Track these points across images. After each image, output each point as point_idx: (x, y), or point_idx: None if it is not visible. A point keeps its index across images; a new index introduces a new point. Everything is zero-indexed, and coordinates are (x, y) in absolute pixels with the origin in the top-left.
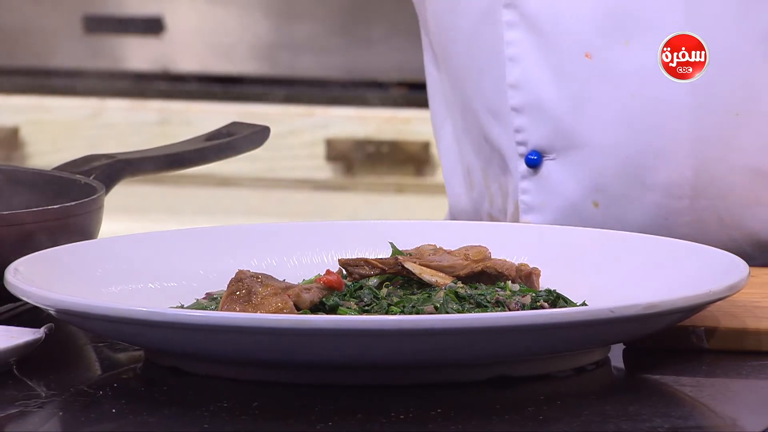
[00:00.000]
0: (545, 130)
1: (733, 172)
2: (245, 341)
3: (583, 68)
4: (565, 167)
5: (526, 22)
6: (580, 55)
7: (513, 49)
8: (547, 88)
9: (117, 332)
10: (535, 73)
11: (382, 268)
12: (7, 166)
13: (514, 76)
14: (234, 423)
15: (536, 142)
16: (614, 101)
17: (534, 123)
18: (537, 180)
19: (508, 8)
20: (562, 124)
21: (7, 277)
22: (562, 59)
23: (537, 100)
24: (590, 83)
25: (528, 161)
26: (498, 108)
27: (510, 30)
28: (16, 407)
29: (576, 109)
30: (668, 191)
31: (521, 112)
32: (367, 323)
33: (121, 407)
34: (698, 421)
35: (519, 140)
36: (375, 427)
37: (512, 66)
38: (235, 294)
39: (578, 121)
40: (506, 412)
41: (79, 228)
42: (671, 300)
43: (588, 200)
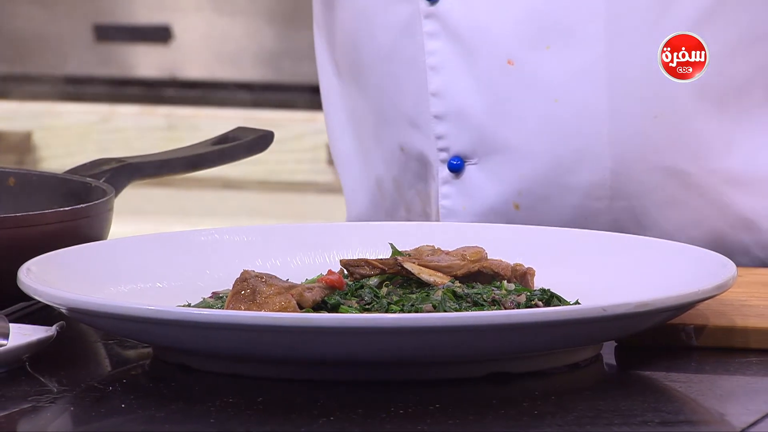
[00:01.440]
0: (467, 137)
1: (649, 173)
2: (250, 339)
3: (505, 75)
4: (487, 171)
5: (448, 31)
6: (502, 62)
7: (434, 58)
8: (469, 96)
9: (126, 330)
10: (457, 81)
11: (382, 268)
12: (20, 170)
13: (436, 85)
14: (239, 418)
15: (458, 148)
16: (537, 107)
17: (456, 129)
18: (458, 184)
19: (429, 19)
20: (484, 130)
21: (20, 276)
22: (485, 67)
23: (459, 108)
24: (513, 89)
25: (450, 166)
26: (417, 116)
27: (431, 40)
28: (29, 402)
29: (499, 116)
30: (587, 193)
31: (443, 120)
32: (367, 321)
33: (130, 403)
34: (687, 415)
35: (441, 146)
36: (375, 421)
37: (433, 75)
38: (240, 293)
39: (501, 126)
40: (502, 407)
41: (90, 229)
42: (661, 299)
43: (509, 202)
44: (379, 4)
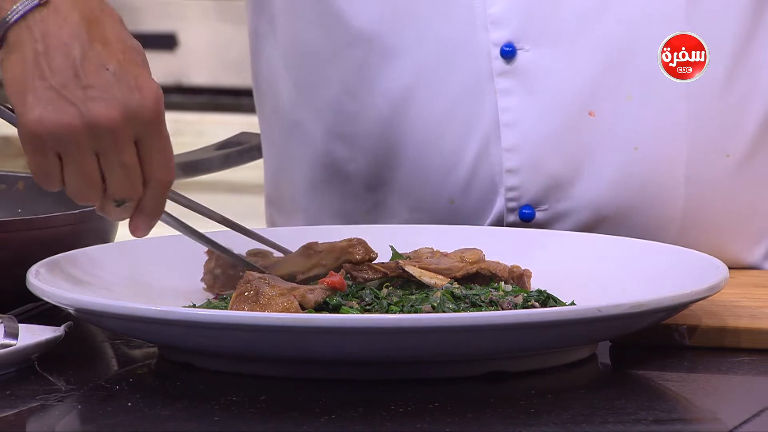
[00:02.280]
0: (541, 185)
1: (720, 211)
2: (253, 339)
3: (585, 125)
4: (556, 217)
5: (524, 87)
6: (583, 113)
7: (508, 115)
8: (547, 148)
9: (132, 330)
10: (535, 135)
11: (384, 272)
12: (29, 174)
13: (511, 141)
14: (242, 416)
15: (530, 197)
16: (616, 155)
17: (530, 182)
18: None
19: (502, 77)
20: (560, 180)
21: (29, 278)
22: (564, 119)
23: (535, 161)
24: (593, 140)
25: (521, 215)
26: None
27: (504, 97)
28: (38, 401)
29: (575, 167)
30: (658, 225)
31: (516, 174)
32: (368, 321)
33: (136, 401)
34: (680, 414)
35: (511, 197)
36: (376, 419)
37: (508, 131)
38: (243, 294)
39: (578, 175)
40: (500, 405)
41: (97, 231)
42: (655, 299)
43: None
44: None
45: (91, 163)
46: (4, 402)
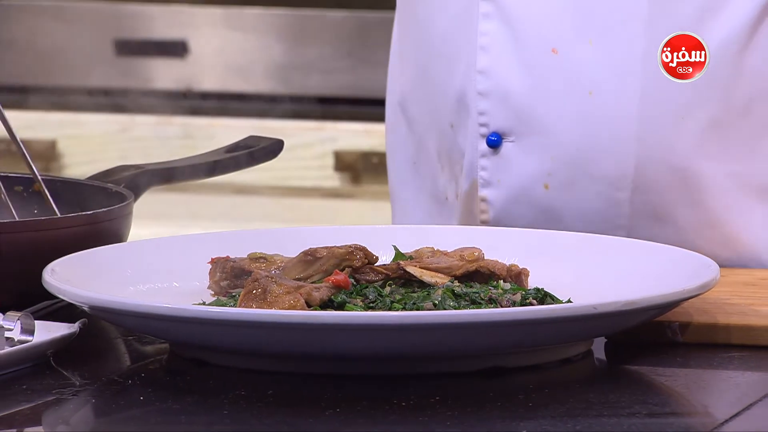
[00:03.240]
0: (507, 115)
1: (670, 171)
2: (261, 335)
3: (548, 62)
4: (522, 150)
5: (501, 14)
6: (546, 50)
7: (485, 38)
8: (512, 77)
9: (145, 327)
10: (504, 61)
11: (386, 273)
12: (45, 176)
13: (483, 63)
14: (250, 409)
15: (498, 124)
16: (573, 96)
17: (497, 107)
18: (496, 159)
19: (485, 1)
20: (523, 111)
21: (44, 276)
22: (530, 52)
23: (502, 87)
24: (553, 76)
25: (489, 141)
26: (464, 94)
27: (485, 21)
28: (53, 395)
29: (537, 99)
30: (611, 183)
31: (486, 97)
32: (371, 319)
33: (148, 395)
34: (673, 408)
35: (481, 122)
36: (379, 413)
37: (483, 54)
38: (251, 292)
39: (538, 109)
40: (498, 399)
41: (111, 232)
42: (649, 297)
43: (540, 182)
44: None
45: None
46: (21, 396)
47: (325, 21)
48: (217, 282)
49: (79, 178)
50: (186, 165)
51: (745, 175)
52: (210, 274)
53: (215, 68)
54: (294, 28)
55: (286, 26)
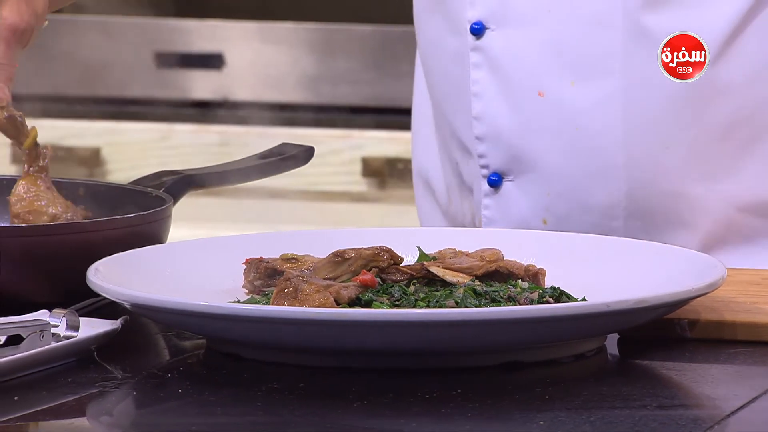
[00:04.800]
0: (503, 156)
1: (660, 196)
2: (292, 331)
3: (535, 104)
4: (521, 188)
5: (489, 63)
6: (533, 93)
7: (477, 86)
8: (504, 120)
9: (183, 323)
10: (495, 106)
11: (411, 273)
12: (89, 181)
13: (478, 110)
14: (283, 402)
15: (496, 165)
16: (562, 133)
17: (494, 149)
18: (497, 198)
19: (474, 51)
20: (516, 151)
21: (89, 276)
22: (518, 96)
23: (496, 130)
24: (542, 117)
25: (489, 182)
26: (466, 137)
27: (475, 70)
28: (96, 387)
29: (529, 139)
30: (604, 212)
31: (483, 141)
32: (397, 316)
33: (186, 388)
34: (682, 400)
35: (482, 164)
36: (404, 405)
37: (476, 100)
38: (283, 291)
39: (530, 149)
40: (516, 392)
41: (151, 234)
42: (659, 296)
43: (539, 217)
44: (440, 35)
45: None
46: (66, 389)
47: (352, 35)
48: (251, 281)
49: (122, 183)
50: (222, 171)
51: (733, 193)
52: (244, 274)
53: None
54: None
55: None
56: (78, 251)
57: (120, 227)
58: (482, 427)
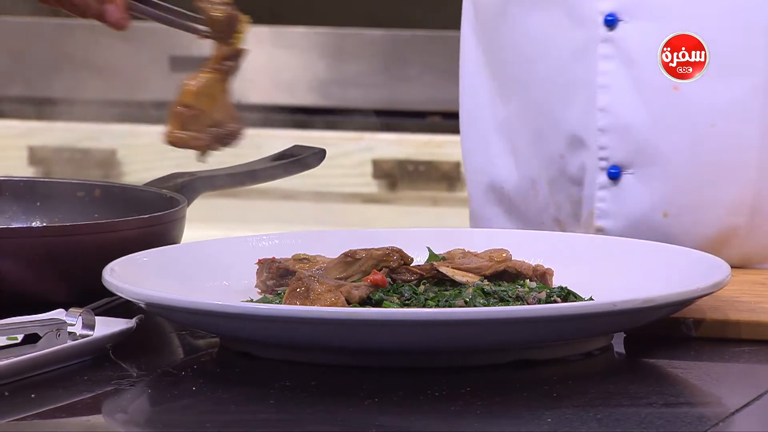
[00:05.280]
0: (627, 149)
1: None
2: (304, 330)
3: (670, 98)
4: (642, 181)
5: (621, 55)
6: (668, 87)
7: (605, 78)
8: (634, 114)
9: (197, 322)
10: (625, 99)
11: (421, 273)
12: (105, 182)
13: (604, 101)
14: (295, 399)
15: (618, 158)
16: (695, 129)
17: (618, 142)
18: (615, 190)
19: (605, 43)
20: (644, 145)
21: (104, 275)
22: (652, 89)
23: (623, 123)
24: (676, 112)
25: (609, 174)
26: (581, 129)
27: (604, 61)
28: (112, 385)
29: (658, 133)
30: (729, 209)
31: (606, 132)
32: (407, 315)
33: (200, 386)
34: (687, 398)
35: (601, 156)
36: (414, 402)
37: (603, 92)
38: (296, 290)
39: (659, 143)
40: (524, 390)
41: (165, 234)
42: (665, 295)
43: (659, 210)
44: (557, 29)
45: None
46: (82, 386)
47: (362, 39)
48: (264, 281)
49: (137, 185)
50: (235, 172)
51: None
52: (257, 274)
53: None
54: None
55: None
56: (94, 251)
57: (135, 228)
58: (491, 424)
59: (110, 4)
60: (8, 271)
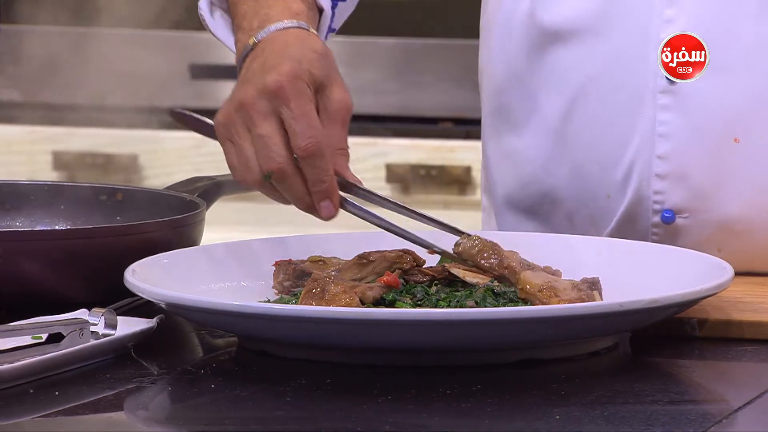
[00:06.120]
0: (684, 195)
1: None
2: (320, 330)
3: (729, 149)
4: (696, 224)
5: (681, 106)
6: (729, 139)
7: (664, 127)
8: (693, 163)
9: (215, 322)
10: (684, 149)
11: (433, 275)
12: (127, 186)
13: (663, 149)
14: (311, 397)
15: (673, 203)
16: (753, 179)
17: (675, 188)
18: (669, 230)
19: (665, 93)
20: (701, 193)
21: (126, 276)
22: (712, 140)
23: (682, 171)
24: (734, 162)
25: (663, 218)
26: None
27: (663, 112)
28: (133, 383)
29: (716, 182)
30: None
31: (664, 179)
32: (419, 315)
33: (219, 383)
34: (692, 395)
35: (656, 200)
36: (426, 400)
37: (662, 141)
38: (311, 291)
39: (716, 191)
40: (533, 388)
41: (185, 236)
42: (670, 296)
43: (713, 247)
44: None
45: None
46: (104, 384)
47: (377, 47)
48: (281, 282)
49: (158, 189)
50: None
51: None
52: (274, 275)
53: None
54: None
55: (343, 52)
56: (116, 253)
57: (156, 230)
58: (501, 421)
59: (324, 201)
60: (33, 272)
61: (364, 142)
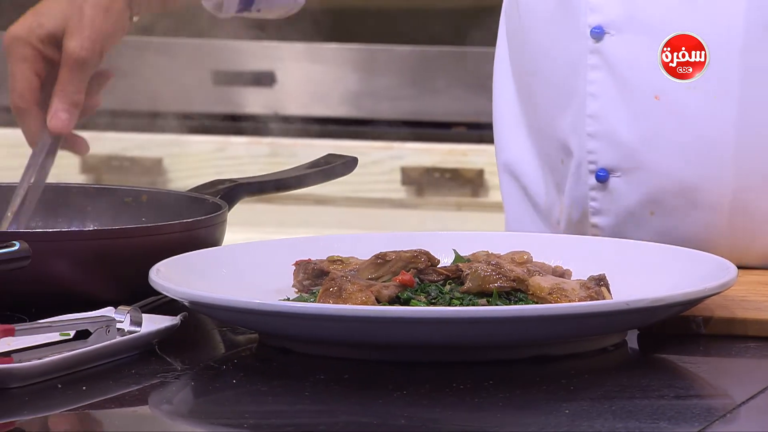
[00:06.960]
0: (614, 154)
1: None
2: (337, 327)
3: (652, 107)
4: (628, 183)
5: (607, 66)
6: (649, 96)
7: (593, 86)
8: (620, 121)
9: (237, 319)
10: (611, 107)
11: (447, 274)
12: (152, 189)
13: (593, 108)
14: (329, 392)
15: (605, 162)
16: (676, 135)
17: (605, 147)
18: (604, 191)
19: (593, 54)
20: (629, 151)
21: (151, 275)
22: (635, 98)
23: (610, 130)
24: (657, 119)
25: (597, 177)
26: (574, 135)
27: (593, 71)
28: (157, 378)
29: (643, 140)
30: (711, 208)
31: (595, 138)
32: (433, 313)
33: (240, 379)
34: (697, 391)
35: (590, 159)
36: (440, 395)
37: (592, 100)
38: (329, 290)
39: (644, 150)
40: (543, 383)
41: (208, 237)
42: (675, 295)
43: (646, 209)
44: (557, 42)
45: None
46: (129, 380)
47: (393, 54)
48: (300, 281)
49: (182, 191)
50: (273, 179)
51: None
52: (294, 274)
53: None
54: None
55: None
56: (141, 253)
57: (179, 231)
58: (512, 415)
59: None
60: (61, 271)
61: (380, 146)
